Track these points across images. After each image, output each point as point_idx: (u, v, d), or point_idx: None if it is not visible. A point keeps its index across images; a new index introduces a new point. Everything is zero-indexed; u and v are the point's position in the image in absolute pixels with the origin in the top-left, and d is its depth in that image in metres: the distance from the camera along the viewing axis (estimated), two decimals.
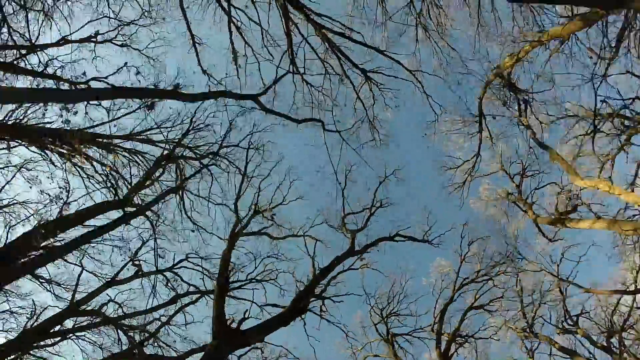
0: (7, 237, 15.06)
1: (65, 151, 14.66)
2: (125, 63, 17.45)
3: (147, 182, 14.45)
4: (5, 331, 15.27)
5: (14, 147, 14.59)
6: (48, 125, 15.49)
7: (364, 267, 16.81)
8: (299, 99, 14.91)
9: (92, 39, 16.69)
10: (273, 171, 16.49)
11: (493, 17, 15.53)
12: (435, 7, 15.40)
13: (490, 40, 15.20)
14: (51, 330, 13.63)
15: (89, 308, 15.00)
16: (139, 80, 17.70)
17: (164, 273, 15.84)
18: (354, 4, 14.70)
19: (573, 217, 15.36)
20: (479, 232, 20.57)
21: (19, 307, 15.39)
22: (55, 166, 15.92)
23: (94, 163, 15.55)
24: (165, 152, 15.29)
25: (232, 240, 14.16)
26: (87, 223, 13.34)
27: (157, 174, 14.94)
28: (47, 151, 14.93)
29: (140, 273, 15.80)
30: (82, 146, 15.45)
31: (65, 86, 16.43)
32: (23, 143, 14.56)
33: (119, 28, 17.06)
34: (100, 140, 15.74)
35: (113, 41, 17.22)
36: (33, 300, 14.98)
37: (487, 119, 16.05)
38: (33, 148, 15.02)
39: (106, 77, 17.05)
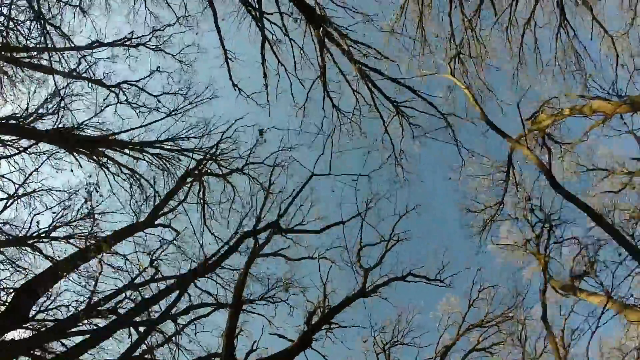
0: (30, 223, 15.62)
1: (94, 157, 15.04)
2: (158, 67, 17.59)
3: (170, 202, 14.56)
4: None
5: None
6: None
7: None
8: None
9: (126, 42, 16.75)
10: (294, 189, 16.39)
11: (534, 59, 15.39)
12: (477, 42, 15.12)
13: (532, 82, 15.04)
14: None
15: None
16: (170, 86, 17.97)
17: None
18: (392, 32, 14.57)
19: (585, 289, 15.22)
20: (493, 276, 20.26)
21: None
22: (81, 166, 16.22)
23: (123, 168, 15.93)
24: (191, 164, 15.39)
25: (250, 260, 14.29)
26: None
27: (181, 195, 15.02)
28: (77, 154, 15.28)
29: (157, 277, 16.13)
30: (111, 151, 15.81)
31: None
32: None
33: (153, 32, 17.07)
34: (131, 147, 16.01)
35: (147, 44, 17.27)
36: None
37: (515, 167, 15.82)
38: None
39: (137, 81, 17.37)
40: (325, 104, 14.74)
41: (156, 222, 14.11)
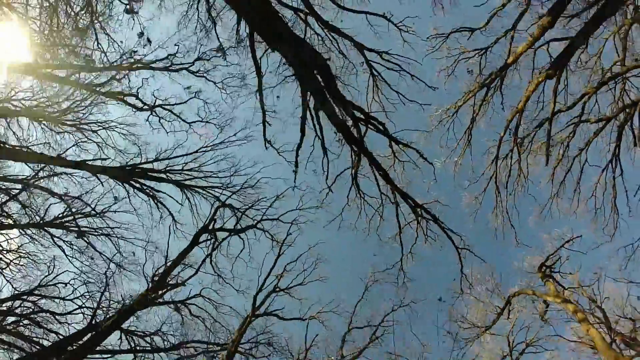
0: None
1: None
2: (197, 93, 17.10)
3: (180, 264, 14.86)
4: None
5: None
6: None
7: None
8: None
9: (169, 67, 16.20)
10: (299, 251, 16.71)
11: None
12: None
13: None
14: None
15: None
16: (205, 112, 17.54)
17: (178, 304, 16.95)
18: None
19: None
20: None
21: None
22: None
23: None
24: (207, 221, 15.54)
25: (247, 321, 14.93)
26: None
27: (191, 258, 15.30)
28: None
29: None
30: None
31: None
32: None
33: (199, 58, 16.45)
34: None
35: (189, 68, 16.69)
36: None
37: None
38: None
39: (172, 105, 17.01)
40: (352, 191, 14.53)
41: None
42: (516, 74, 15.21)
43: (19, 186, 16.62)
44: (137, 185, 15.96)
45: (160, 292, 14.27)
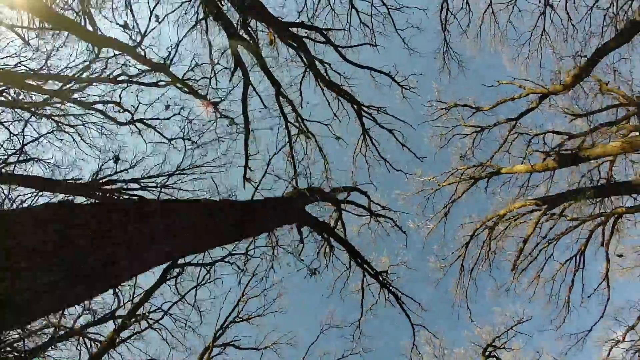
0: None
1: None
2: (181, 110, 16.37)
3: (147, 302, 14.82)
4: None
5: None
6: None
7: None
8: None
9: (158, 82, 15.40)
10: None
11: None
12: None
13: None
14: None
15: None
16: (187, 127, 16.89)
17: None
18: None
19: None
20: None
21: None
22: None
23: None
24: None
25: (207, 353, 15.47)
26: None
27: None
28: None
29: None
30: None
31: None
32: None
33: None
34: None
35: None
36: None
37: None
38: None
39: (149, 119, 16.31)
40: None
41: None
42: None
43: None
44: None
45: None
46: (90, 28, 11.62)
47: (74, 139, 16.43)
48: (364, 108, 14.54)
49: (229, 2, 12.39)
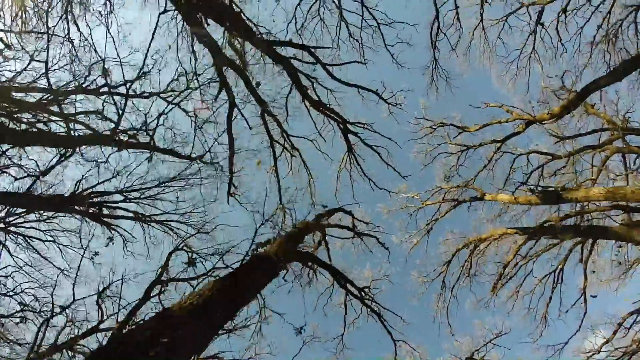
0: None
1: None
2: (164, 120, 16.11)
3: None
4: None
5: None
6: None
7: None
8: None
9: (141, 95, 15.13)
10: None
11: None
12: None
13: None
14: None
15: None
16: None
17: None
18: None
19: None
20: None
21: None
22: None
23: None
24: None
25: None
26: None
27: None
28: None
29: None
30: None
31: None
32: None
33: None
34: None
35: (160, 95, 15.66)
36: None
37: None
38: None
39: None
40: None
41: None
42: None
43: None
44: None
45: None
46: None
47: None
48: (350, 126, 14.46)
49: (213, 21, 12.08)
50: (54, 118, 14.81)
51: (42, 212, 14.38)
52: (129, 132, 15.40)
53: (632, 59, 11.11)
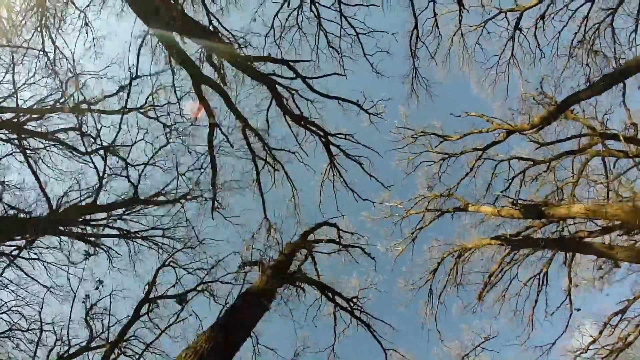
0: None
1: None
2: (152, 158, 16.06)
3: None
4: None
5: None
6: None
7: None
8: None
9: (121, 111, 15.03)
10: None
11: None
12: None
13: None
14: None
15: None
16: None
17: None
18: None
19: None
20: None
21: None
22: None
23: None
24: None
25: None
26: None
27: None
28: None
29: None
30: None
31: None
32: None
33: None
34: None
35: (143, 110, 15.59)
36: None
37: None
38: None
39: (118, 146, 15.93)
40: None
41: None
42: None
43: None
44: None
45: None
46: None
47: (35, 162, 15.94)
48: (331, 138, 14.45)
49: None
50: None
51: (28, 236, 14.18)
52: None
53: (612, 74, 11.22)
